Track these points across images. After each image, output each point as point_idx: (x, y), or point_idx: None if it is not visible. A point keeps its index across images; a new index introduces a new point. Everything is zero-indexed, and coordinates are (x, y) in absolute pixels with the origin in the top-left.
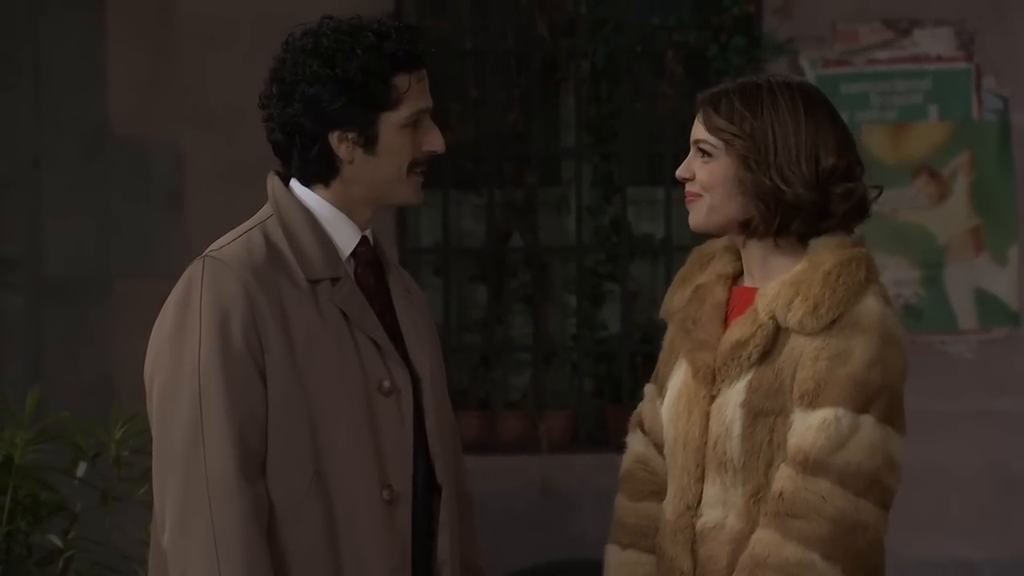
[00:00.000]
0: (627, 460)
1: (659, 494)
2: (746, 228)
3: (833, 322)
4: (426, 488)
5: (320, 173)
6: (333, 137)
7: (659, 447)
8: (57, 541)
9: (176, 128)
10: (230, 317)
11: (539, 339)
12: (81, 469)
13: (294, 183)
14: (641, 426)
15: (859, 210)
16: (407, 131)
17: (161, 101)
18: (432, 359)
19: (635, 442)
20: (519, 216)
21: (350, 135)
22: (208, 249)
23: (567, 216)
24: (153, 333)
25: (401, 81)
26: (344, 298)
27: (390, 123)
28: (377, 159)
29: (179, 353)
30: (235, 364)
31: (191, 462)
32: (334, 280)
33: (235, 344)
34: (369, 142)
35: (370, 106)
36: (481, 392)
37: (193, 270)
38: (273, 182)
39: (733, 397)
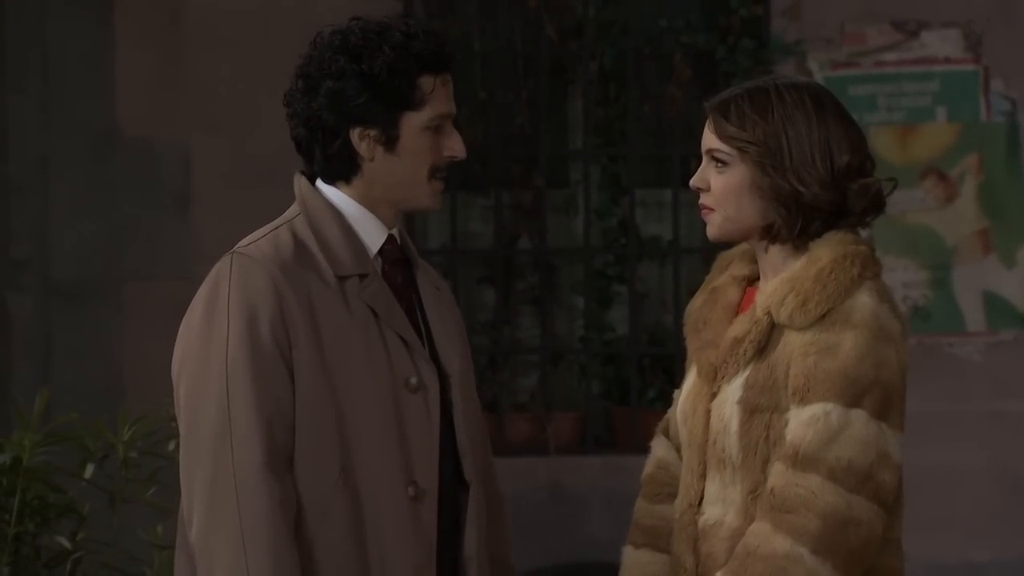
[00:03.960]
0: (649, 464)
1: (677, 496)
2: (768, 232)
3: (824, 317)
4: (454, 484)
5: (342, 170)
6: (354, 134)
7: (680, 450)
8: (65, 543)
9: (185, 130)
10: (258, 312)
11: (547, 341)
12: (89, 471)
13: (320, 183)
14: (666, 431)
15: (876, 205)
16: (428, 134)
17: (170, 103)
18: (461, 356)
19: (658, 447)
20: (527, 218)
21: (371, 132)
22: (236, 246)
23: (575, 218)
24: (181, 329)
25: (426, 82)
26: (372, 295)
27: (412, 124)
28: (398, 159)
29: (207, 348)
30: (263, 359)
31: (219, 457)
32: (362, 276)
33: (263, 339)
34: (390, 141)
35: (393, 104)
36: (489, 394)
37: (221, 266)
38: (300, 181)
39: (731, 394)
